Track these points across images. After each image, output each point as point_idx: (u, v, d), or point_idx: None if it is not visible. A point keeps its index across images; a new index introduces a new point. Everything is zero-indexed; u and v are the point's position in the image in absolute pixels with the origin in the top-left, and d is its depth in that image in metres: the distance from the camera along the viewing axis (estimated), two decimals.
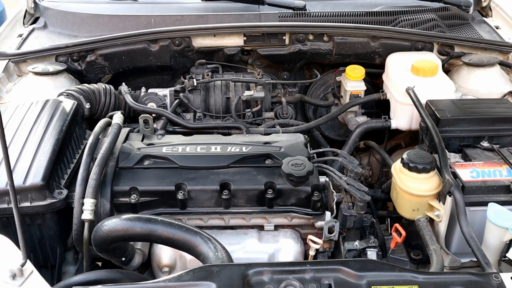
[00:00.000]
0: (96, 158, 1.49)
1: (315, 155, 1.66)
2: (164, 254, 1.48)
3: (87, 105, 1.84)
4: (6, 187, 1.34)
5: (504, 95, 1.98)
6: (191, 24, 2.16)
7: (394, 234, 1.43)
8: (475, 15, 2.47)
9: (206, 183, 1.48)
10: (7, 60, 2.09)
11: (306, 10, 2.26)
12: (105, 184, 1.47)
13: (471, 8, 2.45)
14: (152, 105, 2.00)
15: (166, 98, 2.05)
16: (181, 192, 1.47)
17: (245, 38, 2.15)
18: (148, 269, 1.56)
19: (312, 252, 1.49)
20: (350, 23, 2.18)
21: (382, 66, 2.10)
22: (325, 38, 2.15)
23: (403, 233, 1.41)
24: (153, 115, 1.88)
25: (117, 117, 1.68)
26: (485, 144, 1.62)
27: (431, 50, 2.15)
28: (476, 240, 1.27)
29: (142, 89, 2.07)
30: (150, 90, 2.07)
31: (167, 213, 1.49)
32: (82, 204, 1.41)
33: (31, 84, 2.01)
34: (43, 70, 2.01)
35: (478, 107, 1.73)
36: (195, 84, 2.05)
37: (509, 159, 1.51)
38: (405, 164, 1.49)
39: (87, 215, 1.39)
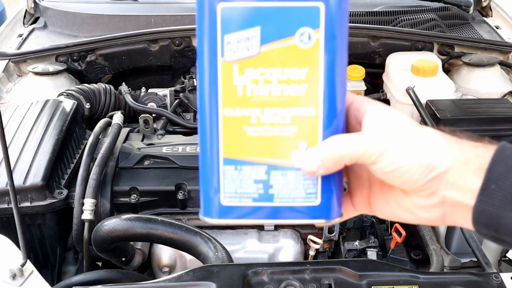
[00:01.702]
0: (96, 158, 1.49)
1: None
2: (164, 254, 1.48)
3: (87, 105, 1.84)
4: (6, 187, 1.34)
5: (504, 95, 1.98)
6: (191, 24, 2.16)
7: (394, 234, 1.43)
8: (475, 15, 2.47)
9: None
10: (7, 60, 2.09)
11: None
12: (105, 184, 1.47)
13: (471, 8, 2.45)
14: (152, 105, 2.00)
15: (166, 98, 2.05)
16: (181, 192, 1.47)
17: None
18: (148, 269, 1.56)
19: (312, 252, 1.49)
20: (350, 23, 2.17)
21: (382, 66, 2.09)
22: None
23: (403, 233, 1.41)
24: (153, 115, 1.88)
25: (117, 117, 1.68)
26: None
27: (431, 50, 2.14)
28: (476, 240, 1.27)
29: (142, 89, 2.06)
30: (150, 90, 2.07)
31: (167, 213, 1.49)
32: (82, 204, 1.41)
33: (31, 84, 2.01)
34: (43, 70, 2.01)
35: (478, 107, 1.72)
36: (195, 84, 2.05)
37: None
38: None
39: (87, 215, 1.39)
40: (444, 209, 0.54)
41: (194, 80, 2.06)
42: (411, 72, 1.93)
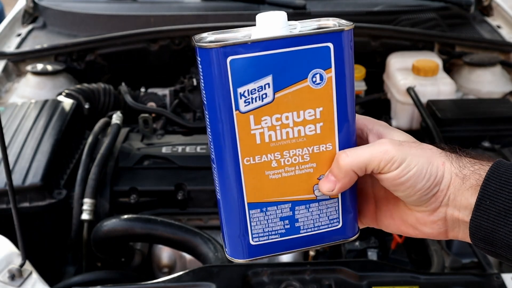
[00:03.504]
0: (95, 158, 1.48)
1: None
2: (164, 254, 1.47)
3: (87, 105, 1.83)
4: (5, 187, 1.34)
5: (505, 95, 1.98)
6: (191, 24, 2.16)
7: (394, 234, 1.43)
8: (476, 15, 2.46)
9: (206, 183, 1.48)
10: (6, 60, 2.08)
11: (306, 9, 2.25)
12: (104, 184, 1.47)
13: (472, 8, 2.44)
14: (151, 105, 1.99)
15: (165, 98, 2.04)
16: (181, 192, 1.46)
17: None
18: (147, 269, 1.55)
19: (312, 253, 1.48)
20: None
21: (382, 66, 2.09)
22: None
23: None
24: (153, 114, 1.88)
25: (117, 117, 1.67)
26: (486, 144, 1.61)
27: (432, 49, 2.14)
28: None
29: (141, 89, 2.06)
30: (149, 90, 2.06)
31: (167, 214, 1.48)
32: (81, 204, 1.41)
33: (30, 84, 2.00)
34: (42, 70, 2.00)
35: (479, 107, 1.72)
36: (195, 84, 2.05)
37: (510, 160, 1.50)
38: None
39: (86, 215, 1.39)
40: (446, 224, 0.57)
41: (194, 80, 2.05)
42: (412, 72, 1.92)
